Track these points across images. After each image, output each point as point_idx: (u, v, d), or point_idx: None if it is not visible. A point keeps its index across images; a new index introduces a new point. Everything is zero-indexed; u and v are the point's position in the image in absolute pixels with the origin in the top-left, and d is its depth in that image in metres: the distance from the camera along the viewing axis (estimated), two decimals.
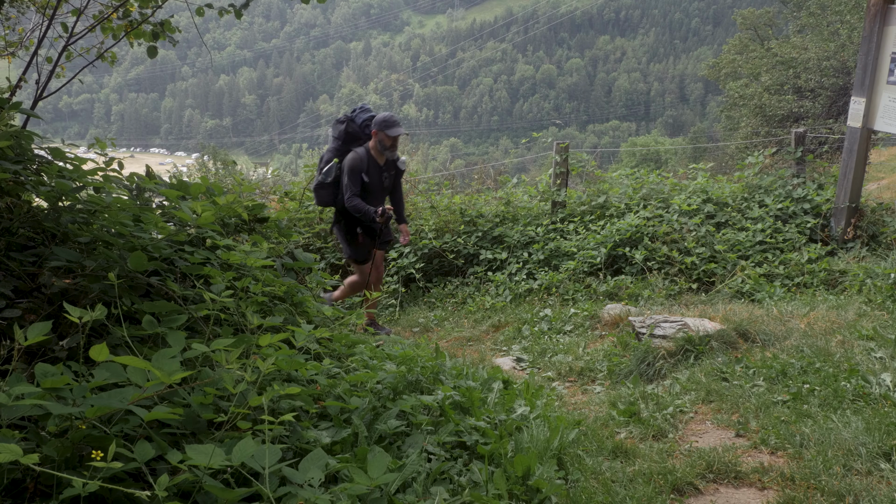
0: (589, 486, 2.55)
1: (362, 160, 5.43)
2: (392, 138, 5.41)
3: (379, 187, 5.54)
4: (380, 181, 5.53)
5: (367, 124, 5.53)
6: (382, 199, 5.68)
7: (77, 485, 1.29)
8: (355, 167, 5.40)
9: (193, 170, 20.84)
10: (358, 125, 5.57)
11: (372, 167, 5.46)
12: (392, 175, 5.67)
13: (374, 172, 5.48)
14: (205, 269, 2.28)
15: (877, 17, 5.64)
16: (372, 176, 5.47)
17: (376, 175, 5.50)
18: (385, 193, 5.70)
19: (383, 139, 5.39)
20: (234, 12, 3.76)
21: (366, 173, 5.44)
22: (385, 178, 5.58)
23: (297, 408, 2.13)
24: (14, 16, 4.32)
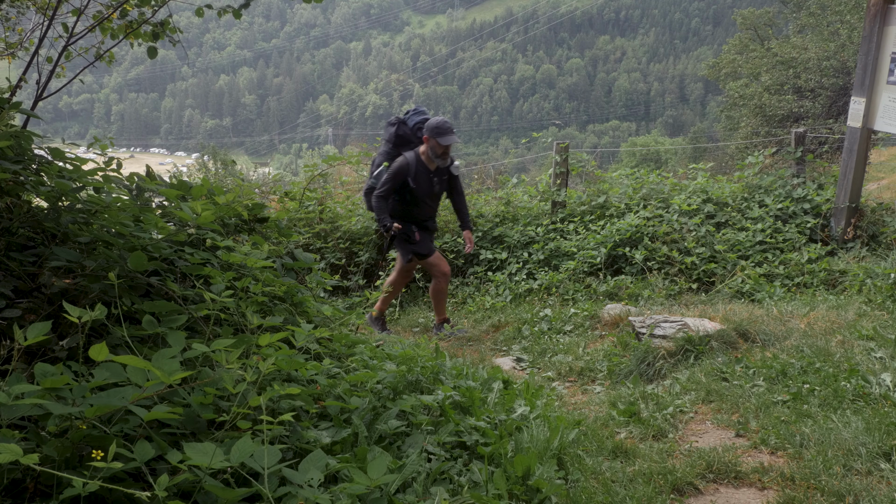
0: (589, 486, 2.55)
1: (409, 165, 5.28)
2: (444, 147, 5.24)
3: (428, 193, 5.40)
4: (429, 187, 5.38)
5: (420, 127, 5.41)
6: (433, 205, 5.55)
7: (77, 485, 1.29)
8: (400, 171, 5.27)
9: (193, 170, 20.85)
10: (410, 128, 5.45)
11: (420, 173, 5.32)
12: (444, 180, 5.50)
13: (422, 178, 5.33)
14: (205, 269, 2.28)
15: (877, 17, 5.64)
16: (420, 182, 5.32)
17: (425, 181, 5.35)
18: (435, 200, 5.56)
19: (435, 146, 5.24)
20: (233, 12, 3.75)
21: (413, 179, 5.29)
22: (435, 183, 5.42)
23: (297, 408, 2.13)
24: (14, 17, 4.32)
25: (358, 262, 7.60)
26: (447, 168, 5.46)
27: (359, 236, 7.73)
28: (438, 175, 5.44)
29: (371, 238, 7.67)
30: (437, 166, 5.40)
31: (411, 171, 5.27)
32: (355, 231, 7.72)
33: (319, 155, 61.74)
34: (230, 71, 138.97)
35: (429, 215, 5.62)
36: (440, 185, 5.48)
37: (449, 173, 5.51)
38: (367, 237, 7.69)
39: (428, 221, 5.64)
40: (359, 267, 7.57)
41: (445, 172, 5.48)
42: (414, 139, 5.41)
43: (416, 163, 5.29)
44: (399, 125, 5.48)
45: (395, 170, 5.26)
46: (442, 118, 5.30)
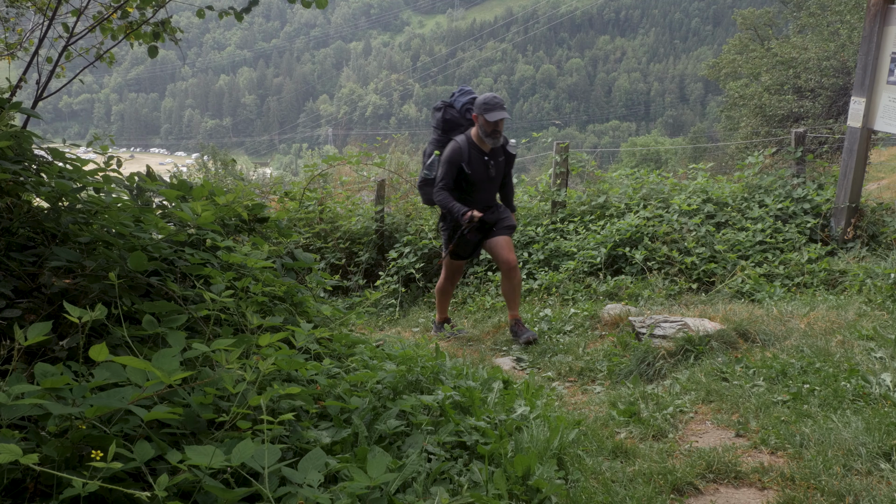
0: (589, 486, 2.54)
1: (461, 150, 4.88)
2: (492, 123, 4.79)
3: (484, 178, 4.98)
4: (485, 171, 4.96)
5: (469, 108, 5.04)
6: (491, 190, 5.12)
7: (77, 485, 1.29)
8: (453, 158, 4.87)
9: (193, 170, 20.85)
10: (457, 110, 5.06)
11: (474, 157, 4.90)
12: (501, 163, 5.06)
13: (477, 162, 4.92)
14: (205, 269, 2.28)
15: (877, 17, 5.64)
16: (475, 167, 4.91)
17: (480, 165, 4.93)
18: (494, 185, 5.11)
19: (484, 124, 4.80)
20: (236, 15, 3.76)
21: (467, 164, 4.87)
22: (491, 167, 4.98)
23: (297, 408, 2.13)
24: (13, 18, 4.32)
25: (358, 262, 7.60)
26: (502, 148, 5.04)
27: (359, 236, 7.73)
28: (494, 157, 5.01)
29: (371, 238, 7.67)
30: (492, 147, 4.98)
31: (465, 156, 4.87)
32: (355, 231, 7.72)
33: (319, 155, 61.74)
34: (230, 71, 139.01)
35: (485, 203, 5.14)
36: (497, 167, 5.04)
37: (505, 153, 5.07)
38: (367, 237, 7.69)
39: (486, 213, 5.12)
40: (359, 267, 7.57)
41: (501, 153, 5.05)
42: (464, 122, 5.03)
43: (468, 146, 4.89)
44: (445, 109, 5.09)
45: (448, 157, 4.88)
46: (490, 93, 4.84)
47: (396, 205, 8.06)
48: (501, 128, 4.86)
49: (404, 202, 8.08)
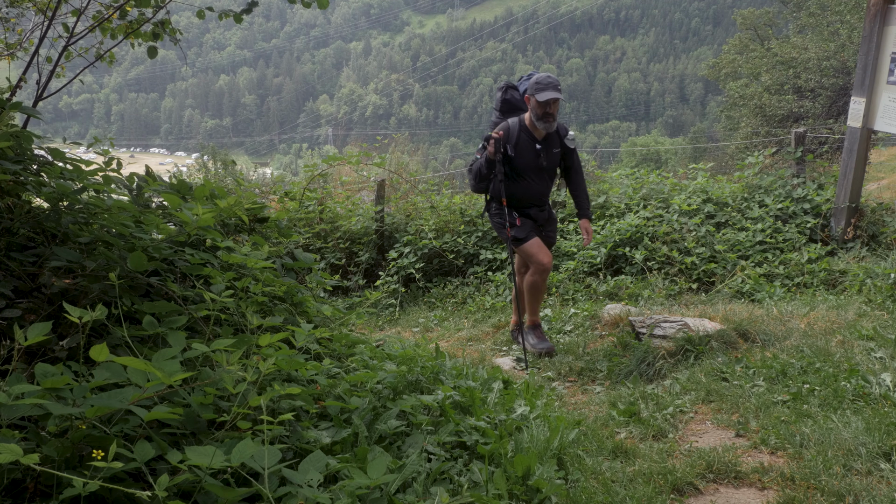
0: (589, 486, 2.55)
1: (509, 130, 4.55)
2: (543, 104, 4.40)
3: (531, 166, 4.57)
4: (533, 158, 4.56)
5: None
6: (541, 183, 4.67)
7: (77, 485, 1.29)
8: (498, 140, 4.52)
9: (193, 170, 20.85)
10: (521, 94, 4.73)
11: (523, 141, 4.54)
12: (555, 154, 4.64)
13: (525, 148, 4.54)
14: (205, 269, 2.28)
15: (877, 17, 5.64)
16: (522, 151, 4.54)
17: (528, 151, 4.54)
18: (542, 177, 4.66)
19: (534, 106, 4.45)
20: (234, 17, 3.76)
21: (513, 147, 4.52)
22: (542, 156, 4.57)
23: (297, 408, 2.13)
24: (14, 19, 4.32)
25: (358, 262, 7.60)
26: (560, 139, 4.64)
27: (359, 236, 7.73)
28: (546, 146, 4.59)
29: (371, 238, 7.67)
30: (545, 135, 4.57)
31: (511, 137, 4.52)
32: (355, 231, 7.72)
33: (319, 155, 61.82)
34: (230, 71, 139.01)
35: (534, 197, 4.68)
36: (548, 158, 4.61)
37: (562, 145, 4.66)
38: (367, 237, 7.69)
39: (532, 209, 4.70)
40: (359, 267, 7.57)
41: (556, 143, 4.63)
42: (524, 106, 4.69)
43: (518, 129, 4.55)
44: (507, 90, 4.77)
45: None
46: (546, 73, 4.49)
47: (396, 205, 8.06)
48: (554, 110, 4.45)
49: (404, 202, 8.09)
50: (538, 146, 4.57)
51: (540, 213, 4.77)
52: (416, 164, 26.04)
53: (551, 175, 4.76)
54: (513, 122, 4.60)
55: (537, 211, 4.75)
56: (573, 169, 4.80)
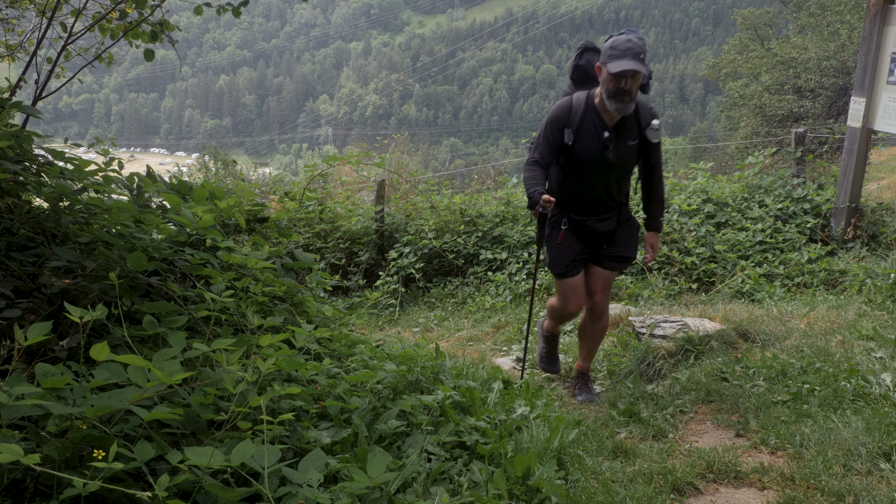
0: (589, 486, 2.54)
1: (569, 110, 3.45)
2: (615, 77, 3.22)
3: (597, 161, 3.44)
4: (599, 151, 3.42)
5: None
6: (609, 183, 3.53)
7: (77, 485, 1.29)
8: (554, 119, 3.46)
9: (194, 170, 20.86)
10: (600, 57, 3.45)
11: (588, 125, 3.41)
12: (630, 148, 3.47)
13: (589, 135, 3.41)
14: (205, 269, 2.28)
15: (877, 17, 5.64)
16: (584, 140, 3.42)
17: (593, 140, 3.41)
18: (613, 175, 3.51)
19: (605, 78, 3.28)
20: (233, 11, 3.75)
21: (574, 131, 3.42)
22: (609, 146, 3.42)
23: (297, 408, 2.13)
24: (14, 20, 4.32)
25: (358, 262, 7.60)
26: (640, 128, 3.46)
27: (359, 236, 7.73)
28: (620, 135, 3.42)
29: (371, 238, 7.67)
30: (619, 120, 3.40)
31: (573, 120, 3.42)
32: (355, 231, 7.72)
33: (319, 155, 61.80)
34: (230, 71, 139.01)
35: (594, 202, 3.57)
36: (621, 152, 3.45)
37: (640, 136, 3.46)
38: (367, 237, 7.69)
39: (591, 217, 3.59)
40: (359, 267, 7.57)
41: (633, 133, 3.45)
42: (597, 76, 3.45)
43: (584, 109, 3.43)
44: (583, 53, 3.58)
45: (549, 117, 3.49)
46: (627, 34, 3.24)
47: (396, 205, 8.06)
48: (632, 87, 3.24)
49: (404, 202, 8.09)
50: (606, 134, 3.39)
51: (601, 223, 3.61)
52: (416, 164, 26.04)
53: (623, 174, 3.55)
54: (578, 98, 3.47)
55: (597, 222, 3.60)
56: (651, 170, 3.63)
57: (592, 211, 3.61)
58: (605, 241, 3.66)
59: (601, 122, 3.42)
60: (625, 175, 3.57)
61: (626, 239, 3.71)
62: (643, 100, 3.46)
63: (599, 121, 3.42)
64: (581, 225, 3.61)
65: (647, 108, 3.48)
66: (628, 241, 3.72)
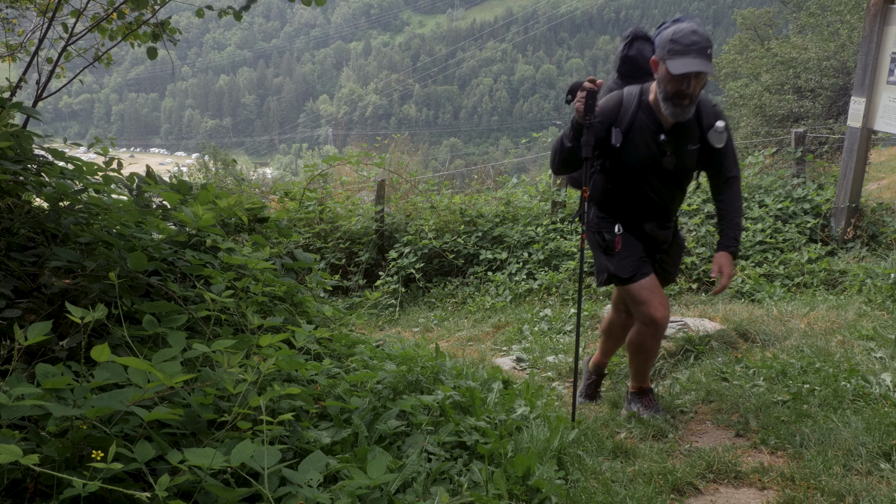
0: (589, 486, 2.54)
1: (619, 106, 3.00)
2: (676, 80, 2.79)
3: (648, 163, 3.01)
4: (653, 155, 2.99)
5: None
6: (663, 190, 3.09)
7: (77, 485, 1.29)
8: (602, 112, 2.97)
9: (194, 170, 20.85)
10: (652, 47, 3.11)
11: (640, 126, 2.98)
12: (690, 153, 3.04)
13: (642, 136, 2.98)
14: (205, 269, 2.28)
15: (877, 17, 5.64)
16: (637, 141, 2.99)
17: (646, 142, 2.99)
18: (667, 183, 3.08)
19: (663, 78, 2.85)
20: (234, 14, 3.76)
21: (623, 131, 2.97)
22: (666, 151, 2.99)
23: (297, 408, 2.13)
24: (15, 20, 4.32)
25: (358, 262, 7.60)
26: (701, 130, 3.01)
27: (359, 236, 7.73)
28: (677, 139, 3.00)
29: (371, 238, 7.67)
30: (676, 122, 2.96)
31: (623, 117, 2.98)
32: (355, 231, 7.72)
33: (319, 155, 61.83)
34: (230, 71, 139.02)
35: (651, 209, 3.14)
36: (679, 158, 3.02)
37: (702, 140, 3.02)
38: (367, 237, 7.69)
39: (648, 223, 3.16)
40: (359, 267, 7.57)
41: (694, 136, 3.02)
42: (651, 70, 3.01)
43: (636, 106, 2.98)
44: (632, 42, 3.19)
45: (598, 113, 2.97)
46: (692, 26, 2.82)
47: (396, 205, 8.07)
48: (695, 89, 2.81)
49: (404, 202, 8.09)
50: (663, 137, 2.97)
51: (660, 230, 3.19)
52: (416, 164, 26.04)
53: (683, 181, 3.15)
54: (630, 93, 3.02)
55: (656, 227, 3.17)
56: (721, 175, 3.12)
57: (650, 217, 3.16)
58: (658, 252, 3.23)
59: (656, 123, 2.98)
60: (684, 185, 3.19)
61: (672, 259, 3.34)
62: (705, 97, 3.03)
63: (654, 122, 2.98)
64: (638, 230, 3.16)
65: (709, 106, 3.04)
66: (673, 261, 3.35)
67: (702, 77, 2.82)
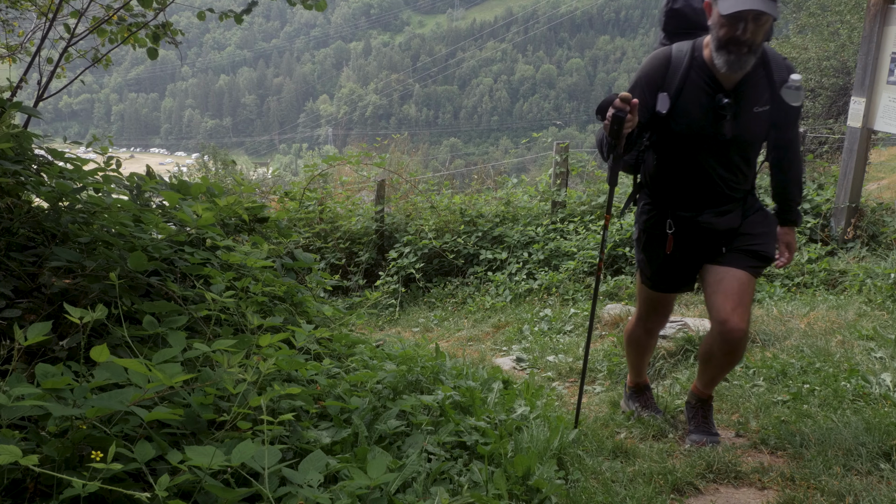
0: (589, 486, 2.54)
1: (668, 65, 2.58)
2: (729, 22, 2.37)
3: (704, 132, 2.57)
4: (710, 122, 2.55)
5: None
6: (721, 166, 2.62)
7: (77, 485, 1.29)
8: (645, 76, 2.60)
9: (193, 170, 20.86)
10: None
11: (692, 86, 2.56)
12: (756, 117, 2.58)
13: (694, 99, 2.56)
14: (205, 269, 2.28)
15: (877, 17, 5.64)
16: (688, 106, 2.56)
17: (700, 106, 2.56)
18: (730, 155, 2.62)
19: (716, 24, 2.43)
20: (235, 18, 3.76)
21: (672, 95, 2.56)
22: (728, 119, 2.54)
23: (297, 408, 2.13)
24: (15, 22, 4.32)
25: (358, 262, 7.60)
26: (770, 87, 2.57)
27: (359, 236, 7.74)
28: (740, 100, 2.55)
29: (371, 238, 7.67)
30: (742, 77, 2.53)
31: (672, 79, 2.56)
32: (355, 231, 7.72)
33: (319, 155, 61.81)
34: (230, 71, 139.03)
35: (707, 191, 2.68)
36: (745, 122, 2.57)
37: (772, 100, 2.57)
38: (367, 237, 7.69)
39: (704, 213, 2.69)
40: (359, 267, 7.57)
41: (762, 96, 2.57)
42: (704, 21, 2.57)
43: (686, 64, 2.56)
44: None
45: (639, 73, 2.64)
46: None
47: (396, 205, 8.07)
48: (753, 35, 2.38)
49: (404, 202, 8.09)
50: (724, 100, 2.52)
51: (720, 219, 2.71)
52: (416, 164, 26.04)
53: (748, 155, 2.67)
54: (680, 49, 2.60)
55: (714, 216, 2.70)
56: (787, 145, 2.71)
57: (707, 202, 2.69)
58: (726, 240, 2.74)
59: (713, 82, 2.53)
60: (751, 155, 2.67)
61: (759, 230, 2.74)
62: (773, 50, 2.59)
63: (711, 82, 2.53)
64: (692, 223, 2.71)
65: (779, 59, 2.58)
66: (763, 232, 2.75)
67: (763, 20, 2.37)
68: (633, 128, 2.45)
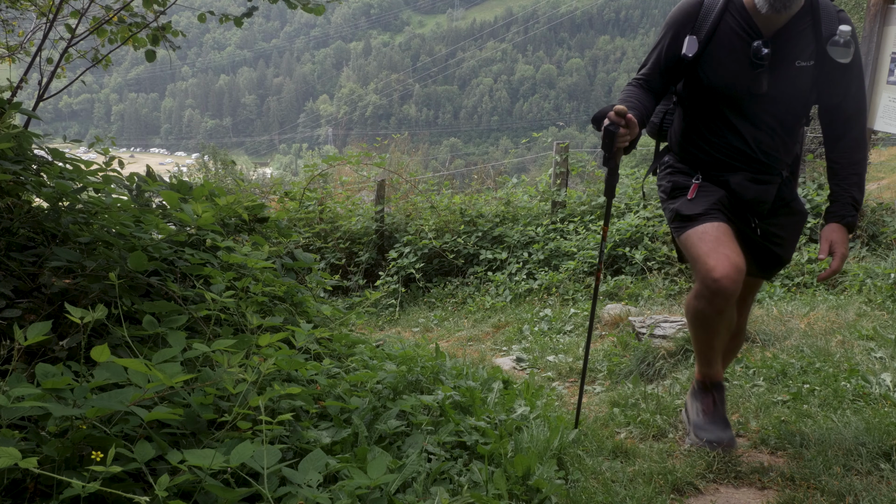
0: (589, 486, 2.54)
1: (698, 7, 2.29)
2: None
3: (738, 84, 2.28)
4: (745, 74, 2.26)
5: None
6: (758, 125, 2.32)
7: (77, 486, 1.29)
8: (674, 19, 2.35)
9: (193, 170, 20.87)
10: None
11: (726, 28, 2.27)
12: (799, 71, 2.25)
13: (728, 41, 2.27)
14: (205, 269, 2.28)
15: (877, 17, 5.64)
16: (720, 51, 2.28)
17: (734, 50, 2.27)
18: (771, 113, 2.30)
19: None
20: (235, 21, 3.76)
21: (702, 41, 2.27)
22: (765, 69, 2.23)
23: (297, 408, 2.13)
24: (15, 22, 4.32)
25: (358, 262, 7.60)
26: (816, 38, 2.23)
27: (359, 236, 7.74)
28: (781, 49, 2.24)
29: (371, 238, 7.67)
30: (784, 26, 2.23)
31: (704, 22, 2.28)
32: (355, 231, 7.73)
33: (319, 155, 61.81)
34: (230, 71, 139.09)
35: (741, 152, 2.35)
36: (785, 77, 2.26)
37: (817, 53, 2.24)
38: (367, 237, 7.69)
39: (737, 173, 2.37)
40: (359, 267, 7.58)
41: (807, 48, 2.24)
42: None
43: (720, 6, 2.27)
44: None
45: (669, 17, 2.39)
46: None
47: (396, 205, 8.07)
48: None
49: (404, 202, 8.09)
50: (763, 50, 2.22)
51: (752, 186, 2.37)
52: (416, 164, 26.06)
53: (788, 117, 2.33)
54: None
55: (746, 180, 2.37)
56: (834, 109, 2.32)
57: (738, 165, 2.37)
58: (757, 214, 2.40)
59: (751, 28, 2.23)
60: (789, 119, 2.32)
61: (783, 231, 2.48)
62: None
63: (748, 27, 2.23)
64: (719, 180, 2.39)
65: (831, 9, 2.22)
66: (786, 234, 2.50)
67: None
68: (627, 143, 2.28)
